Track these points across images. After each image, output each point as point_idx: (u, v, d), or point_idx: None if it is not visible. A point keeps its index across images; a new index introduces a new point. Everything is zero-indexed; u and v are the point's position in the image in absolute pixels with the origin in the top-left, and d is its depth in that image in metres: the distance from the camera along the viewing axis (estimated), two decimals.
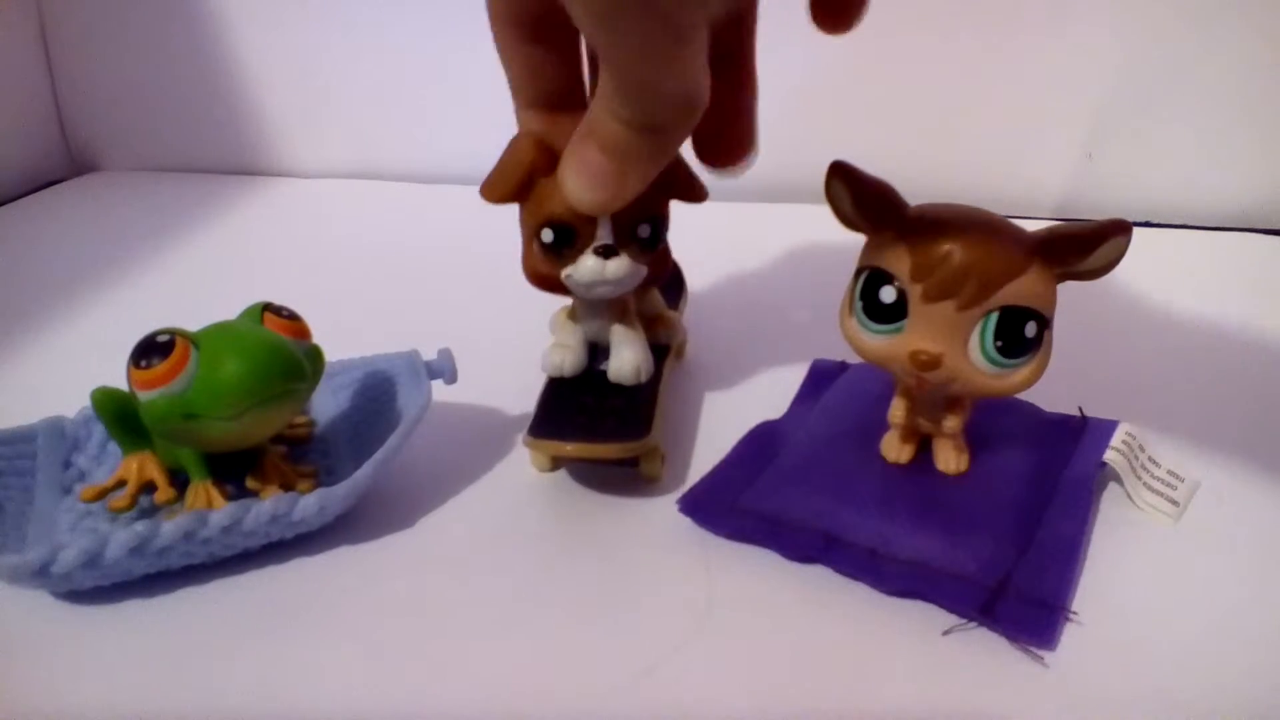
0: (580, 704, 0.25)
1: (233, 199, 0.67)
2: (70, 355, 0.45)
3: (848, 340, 0.27)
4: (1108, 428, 0.31)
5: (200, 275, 0.55)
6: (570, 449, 0.31)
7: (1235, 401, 0.36)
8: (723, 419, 0.36)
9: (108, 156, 0.76)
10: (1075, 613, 0.26)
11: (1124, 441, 0.31)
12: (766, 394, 0.37)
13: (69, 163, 0.76)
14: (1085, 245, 0.25)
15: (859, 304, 0.27)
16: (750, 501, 0.30)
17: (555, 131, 0.29)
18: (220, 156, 0.73)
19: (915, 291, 0.25)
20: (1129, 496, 0.30)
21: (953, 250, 0.25)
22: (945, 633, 0.26)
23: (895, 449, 0.30)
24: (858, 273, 0.27)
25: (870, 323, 0.26)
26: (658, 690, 0.25)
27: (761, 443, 0.33)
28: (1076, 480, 0.30)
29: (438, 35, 0.66)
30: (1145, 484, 0.30)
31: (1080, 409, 0.33)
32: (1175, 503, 0.30)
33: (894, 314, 0.26)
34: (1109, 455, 0.30)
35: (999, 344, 0.25)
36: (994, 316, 0.25)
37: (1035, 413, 0.33)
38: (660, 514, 0.31)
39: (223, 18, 0.69)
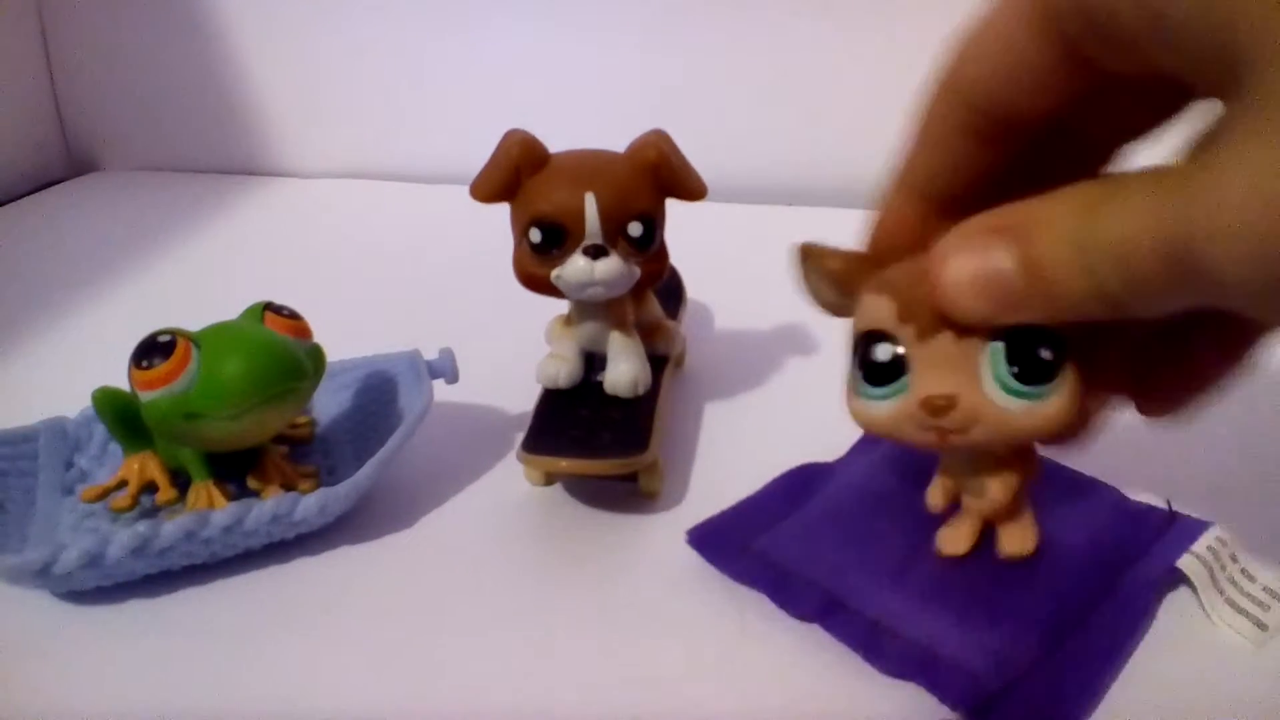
0: (580, 704, 0.25)
1: (233, 199, 0.67)
2: (71, 355, 0.45)
3: (859, 422, 0.24)
4: (1197, 528, 0.27)
5: (200, 275, 0.55)
6: (565, 465, 0.30)
7: None
8: (723, 431, 0.35)
9: (108, 156, 0.76)
10: None
11: (1209, 547, 0.26)
12: (768, 406, 0.37)
13: (69, 163, 0.76)
14: None
15: (858, 376, 0.23)
16: (763, 546, 0.28)
17: (917, 227, 0.23)
18: (220, 156, 0.73)
19: (908, 334, 0.22)
20: (1204, 610, 0.26)
21: None
22: None
23: (951, 539, 0.27)
24: (852, 350, 0.24)
25: (873, 390, 0.23)
26: (658, 692, 0.25)
27: (794, 486, 0.31)
28: (1140, 584, 0.26)
29: (438, 36, 0.66)
30: (1228, 599, 0.26)
31: (1169, 502, 0.28)
32: (1263, 626, 0.25)
33: (895, 371, 0.23)
34: (1184, 560, 0.26)
35: (1014, 369, 0.21)
36: (1000, 341, 0.21)
37: (1116, 499, 0.29)
38: (662, 516, 0.31)
39: (223, 18, 0.69)
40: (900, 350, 0.23)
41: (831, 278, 0.24)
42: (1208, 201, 0.16)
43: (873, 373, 0.23)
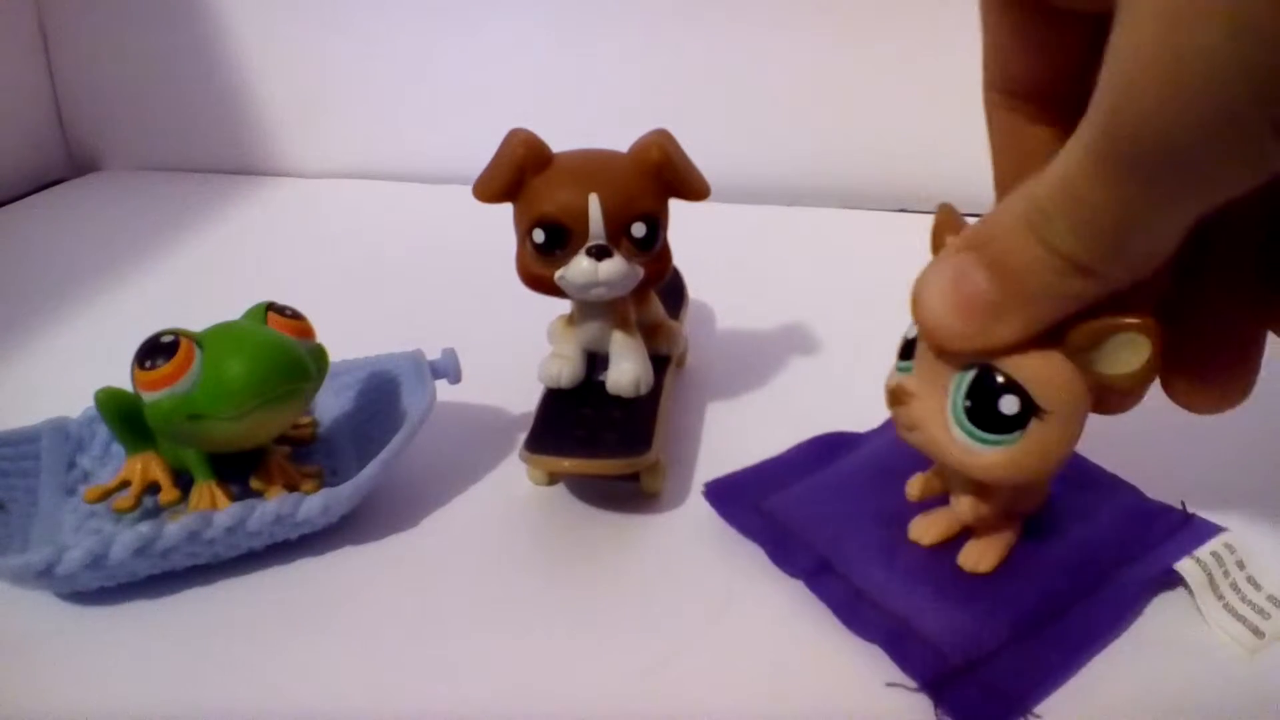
0: (583, 705, 0.25)
1: (233, 199, 0.67)
2: (73, 355, 0.45)
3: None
4: (1207, 531, 0.27)
5: (202, 275, 0.54)
6: (568, 465, 0.30)
7: None
8: (726, 431, 0.36)
9: (108, 156, 0.76)
10: (1038, 716, 0.23)
11: (1214, 552, 0.26)
12: (770, 405, 0.37)
13: (69, 163, 0.76)
14: (1091, 336, 0.21)
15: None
16: (772, 506, 0.29)
17: (1018, 136, 0.23)
18: (220, 156, 0.73)
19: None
20: (1200, 614, 0.26)
21: None
22: (888, 685, 0.24)
23: (920, 528, 0.27)
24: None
25: (900, 362, 0.24)
26: (659, 692, 0.25)
27: (816, 453, 0.32)
28: (1132, 582, 0.26)
29: (440, 35, 0.66)
30: (1227, 605, 0.25)
31: (1183, 503, 0.28)
32: (1259, 633, 0.25)
33: (909, 352, 0.24)
34: (1183, 564, 0.26)
35: (968, 404, 0.22)
36: (970, 372, 0.22)
37: (1132, 496, 0.29)
38: (665, 515, 0.31)
39: (222, 18, 0.69)
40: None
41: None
42: (1111, 102, 0.16)
43: (905, 345, 0.25)
